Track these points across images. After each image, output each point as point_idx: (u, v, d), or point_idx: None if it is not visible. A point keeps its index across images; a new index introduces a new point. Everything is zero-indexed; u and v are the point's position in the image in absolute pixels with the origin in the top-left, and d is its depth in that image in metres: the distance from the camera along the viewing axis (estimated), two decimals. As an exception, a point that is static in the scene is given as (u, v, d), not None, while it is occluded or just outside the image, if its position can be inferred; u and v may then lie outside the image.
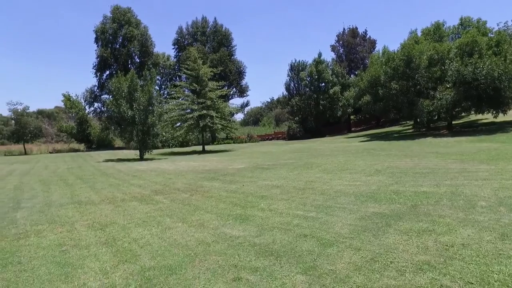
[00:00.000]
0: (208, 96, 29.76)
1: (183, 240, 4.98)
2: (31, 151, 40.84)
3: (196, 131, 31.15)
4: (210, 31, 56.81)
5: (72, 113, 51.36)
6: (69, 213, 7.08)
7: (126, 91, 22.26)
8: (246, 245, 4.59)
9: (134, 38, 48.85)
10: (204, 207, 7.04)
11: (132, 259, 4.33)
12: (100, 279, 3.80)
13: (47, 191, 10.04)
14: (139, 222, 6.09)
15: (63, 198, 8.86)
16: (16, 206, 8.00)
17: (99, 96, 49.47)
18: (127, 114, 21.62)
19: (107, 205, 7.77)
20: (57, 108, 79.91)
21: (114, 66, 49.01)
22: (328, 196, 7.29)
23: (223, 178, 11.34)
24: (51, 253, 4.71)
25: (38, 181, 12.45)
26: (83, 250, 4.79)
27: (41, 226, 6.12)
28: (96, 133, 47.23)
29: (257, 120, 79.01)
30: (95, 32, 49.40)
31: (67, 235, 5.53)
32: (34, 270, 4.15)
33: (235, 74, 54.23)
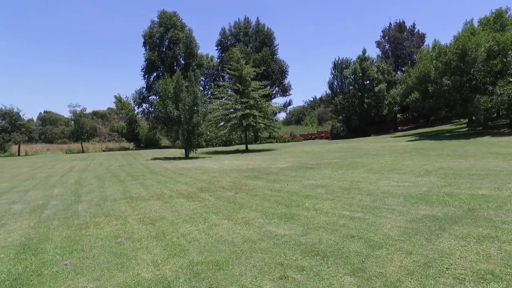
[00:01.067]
0: (251, 95, 30.03)
1: (229, 237, 5.06)
2: (87, 149, 43.87)
3: (239, 130, 31.56)
4: (253, 31, 57.26)
5: (123, 114, 54.34)
6: (122, 207, 7.50)
7: (172, 92, 23.11)
8: (291, 244, 4.57)
9: (179, 40, 50.56)
10: (249, 205, 7.12)
11: (181, 253, 4.48)
12: (152, 271, 3.98)
13: (102, 187, 10.72)
14: (186, 218, 6.30)
15: (116, 193, 9.41)
16: (77, 199, 8.65)
17: (147, 97, 51.82)
18: (173, 114, 22.46)
19: (156, 201, 8.12)
20: (110, 109, 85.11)
21: (161, 68, 51.04)
22: (375, 197, 7.04)
23: (267, 177, 11.38)
24: (108, 244, 5.02)
25: (94, 177, 13.34)
26: (136, 242, 5.04)
27: (99, 218, 6.55)
28: (144, 133, 49.56)
29: (300, 119, 78.37)
30: (144, 36, 51.80)
31: (121, 228, 5.86)
32: (94, 258, 4.46)
33: (277, 73, 54.17)
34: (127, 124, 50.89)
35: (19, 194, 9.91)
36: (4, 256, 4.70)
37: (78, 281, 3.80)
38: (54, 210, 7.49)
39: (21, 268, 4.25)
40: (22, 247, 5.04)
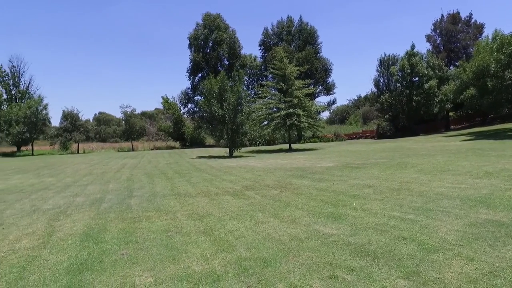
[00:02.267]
0: (294, 94, 29.86)
1: (276, 234, 5.08)
2: (136, 147, 46.26)
3: (283, 130, 31.52)
4: (296, 30, 56.87)
5: (169, 114, 56.55)
6: (171, 203, 7.82)
7: (217, 92, 23.65)
8: (340, 243, 4.49)
9: (223, 41, 51.57)
10: (294, 204, 7.10)
11: (229, 249, 4.58)
12: (202, 264, 4.11)
13: (152, 183, 11.25)
14: (233, 215, 6.41)
15: (165, 189, 9.83)
16: (130, 194, 9.16)
17: (192, 98, 53.47)
18: (218, 114, 22.98)
19: (203, 198, 8.37)
20: (157, 109, 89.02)
21: (205, 69, 52.38)
22: (427, 199, 6.69)
23: (312, 176, 11.26)
24: (160, 237, 5.26)
25: (144, 174, 14.04)
26: (185, 237, 5.23)
27: (150, 213, 6.88)
28: (190, 132, 51.22)
29: (344, 119, 76.55)
30: (189, 38, 53.51)
31: (171, 222, 6.11)
32: (148, 250, 4.70)
33: (321, 72, 53.34)
34: (173, 124, 52.90)
35: (80, 188, 10.71)
36: (71, 242, 5.12)
37: (134, 270, 4.02)
38: (110, 203, 8.00)
39: (86, 254, 4.60)
40: (85, 235, 5.45)
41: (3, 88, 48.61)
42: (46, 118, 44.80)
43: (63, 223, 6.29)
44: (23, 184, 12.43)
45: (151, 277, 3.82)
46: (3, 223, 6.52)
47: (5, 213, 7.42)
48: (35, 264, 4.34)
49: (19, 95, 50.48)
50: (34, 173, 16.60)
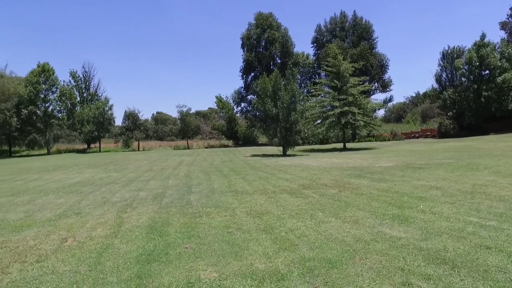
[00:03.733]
0: (349, 92, 28.86)
1: (339, 235, 4.89)
2: (191, 146, 48.05)
3: (337, 128, 30.69)
4: (349, 26, 55.04)
5: (223, 113, 57.93)
6: (229, 200, 7.92)
7: (271, 90, 23.67)
8: (410, 248, 4.18)
9: (275, 40, 51.54)
10: (355, 204, 6.80)
11: (291, 248, 4.49)
12: (265, 262, 4.07)
13: (209, 180, 11.53)
14: (292, 214, 6.31)
15: (222, 186, 10.00)
16: (189, 190, 9.47)
17: (245, 97, 54.19)
18: (272, 112, 22.99)
19: (260, 195, 8.37)
20: (210, 109, 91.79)
21: (258, 68, 52.76)
22: (511, 204, 6.01)
23: (371, 176, 10.76)
24: (220, 233, 5.32)
25: (200, 171, 14.47)
26: (246, 234, 5.24)
27: (209, 209, 7.03)
28: (242, 131, 52.03)
29: (400, 117, 72.50)
30: (242, 38, 54.27)
31: (231, 219, 6.17)
32: (210, 245, 4.78)
33: (376, 68, 51.02)
34: (227, 123, 54.11)
35: (143, 183, 11.32)
36: (138, 234, 5.39)
37: (198, 264, 4.10)
38: (171, 198, 8.33)
39: (152, 246, 4.80)
40: (150, 228, 5.70)
41: (77, 91, 53.40)
42: (111, 118, 48.43)
43: (130, 215, 6.65)
44: (94, 177, 13.47)
45: (215, 272, 3.85)
46: (81, 212, 7.09)
47: (82, 203, 8.08)
48: (109, 252, 4.62)
49: (89, 97, 55.12)
50: (102, 168, 17.95)
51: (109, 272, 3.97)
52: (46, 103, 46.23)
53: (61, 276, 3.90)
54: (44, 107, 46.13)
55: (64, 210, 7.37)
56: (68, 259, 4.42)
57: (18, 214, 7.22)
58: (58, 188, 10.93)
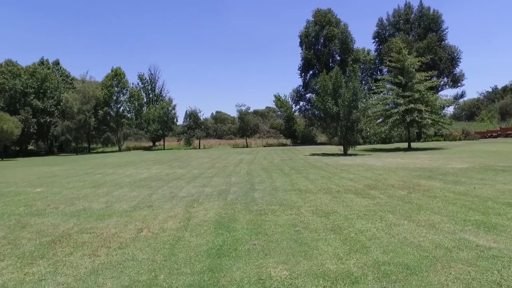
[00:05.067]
0: (415, 88, 27.04)
1: (415, 239, 4.56)
2: (250, 144, 48.81)
3: (402, 127, 29.00)
4: (415, 17, 51.52)
5: (281, 112, 57.97)
6: (293, 198, 7.85)
7: (331, 88, 23.08)
8: (505, 260, 3.74)
9: (334, 37, 50.20)
10: (429, 207, 6.32)
11: (362, 250, 4.29)
12: (336, 263, 3.93)
13: (271, 178, 11.56)
14: (360, 215, 6.06)
15: (285, 185, 9.96)
16: (252, 188, 9.59)
17: (303, 95, 53.63)
18: (332, 110, 22.41)
19: (324, 194, 8.17)
20: (268, 108, 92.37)
21: (317, 66, 51.84)
22: None
23: (443, 178, 9.96)
24: (287, 231, 5.28)
25: (261, 169, 14.59)
26: (313, 233, 5.13)
27: (274, 206, 7.03)
28: (301, 129, 51.56)
29: (472, 114, 66.20)
30: (300, 36, 53.70)
31: (296, 217, 6.10)
32: (278, 242, 4.76)
33: (446, 61, 47.13)
34: (285, 121, 54.06)
35: (206, 179, 11.73)
36: (207, 228, 5.57)
37: (268, 261, 4.09)
38: (235, 195, 8.49)
39: (221, 241, 4.91)
40: (217, 223, 5.86)
41: (144, 92, 57.31)
42: (175, 117, 51.11)
43: (197, 210, 6.90)
44: (161, 173, 14.29)
45: (285, 270, 3.81)
46: (152, 205, 7.55)
47: (152, 197, 8.61)
48: (181, 244, 4.82)
49: (155, 98, 58.78)
50: (167, 164, 18.98)
51: (182, 263, 4.14)
52: (118, 104, 50.37)
53: (140, 263, 4.15)
54: (116, 108, 50.28)
55: (137, 203, 7.90)
56: (145, 248, 4.70)
57: (100, 204, 7.90)
58: (130, 182, 11.76)
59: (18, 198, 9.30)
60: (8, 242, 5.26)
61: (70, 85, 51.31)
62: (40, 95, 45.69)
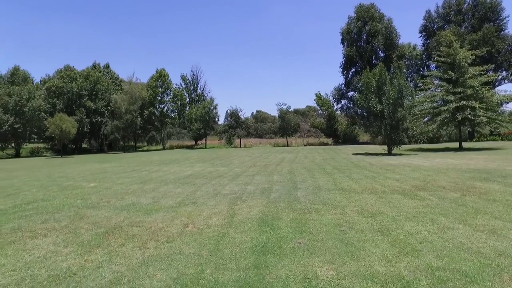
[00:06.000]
0: (467, 84, 25.29)
1: (473, 245, 4.27)
2: (290, 143, 48.55)
3: (452, 126, 27.34)
4: (468, 7, 48.13)
5: (322, 110, 57.02)
6: (337, 198, 7.67)
7: (375, 86, 22.29)
8: None
9: (377, 32, 48.40)
10: (488, 211, 5.89)
11: (413, 253, 4.09)
12: (385, 265, 3.78)
13: (313, 177, 11.40)
14: (409, 216, 5.78)
15: (328, 184, 9.77)
16: (294, 186, 9.51)
17: (345, 94, 52.32)
18: (376, 109, 21.64)
19: (369, 195, 7.91)
20: (308, 107, 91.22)
21: (359, 63, 50.34)
22: None
23: (503, 180, 9.24)
24: (332, 231, 5.17)
25: (303, 168, 14.44)
26: (360, 233, 4.97)
27: (318, 205, 6.91)
28: (343, 128, 50.40)
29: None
30: (341, 33, 52.39)
31: (341, 217, 5.96)
32: (323, 242, 4.67)
33: (505, 53, 43.52)
34: (326, 120, 53.10)
35: (248, 177, 11.82)
36: (251, 226, 5.60)
37: (313, 260, 4.03)
38: (278, 194, 8.47)
39: (265, 238, 4.92)
40: (261, 221, 5.87)
41: (186, 92, 59.10)
42: (216, 117, 52.16)
43: (241, 208, 6.97)
44: (204, 171, 14.63)
45: (332, 270, 3.73)
46: (197, 202, 7.74)
47: (196, 194, 8.83)
48: (226, 240, 4.89)
49: (197, 97, 60.38)
50: (209, 162, 19.40)
51: (228, 259, 4.19)
52: (162, 104, 52.32)
53: (187, 257, 4.27)
54: (161, 108, 52.26)
55: (182, 199, 8.14)
56: (191, 243, 4.82)
57: (147, 199, 8.25)
58: (175, 179, 12.16)
59: (75, 191, 9.98)
60: (70, 231, 5.67)
61: (118, 87, 54.14)
62: (92, 96, 48.82)
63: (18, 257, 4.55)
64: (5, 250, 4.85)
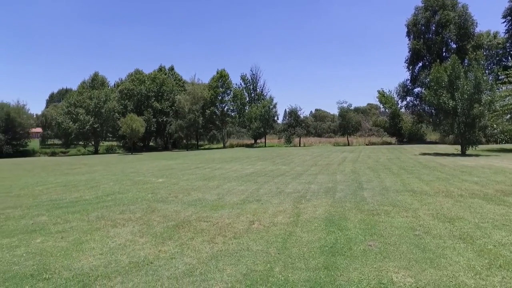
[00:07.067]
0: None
1: None
2: (351, 142, 46.93)
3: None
4: None
5: (385, 108, 54.21)
6: (407, 200, 7.19)
7: (447, 80, 20.54)
8: None
9: (449, 22, 44.50)
10: None
11: (508, 267, 3.66)
12: (473, 278, 3.43)
13: (379, 177, 10.85)
14: (496, 224, 5.20)
15: (396, 185, 9.22)
16: (360, 186, 9.13)
17: (411, 90, 49.02)
18: (448, 105, 19.91)
19: (444, 198, 7.29)
20: (369, 105, 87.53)
21: (427, 57, 46.85)
22: None
23: None
24: (406, 234, 4.84)
25: (367, 168, 13.82)
26: (437, 239, 4.59)
27: (387, 207, 6.54)
28: (408, 127, 47.37)
29: None
30: (407, 26, 49.13)
31: (414, 220, 5.56)
32: (396, 246, 4.39)
33: None
34: (390, 119, 50.39)
35: (311, 177, 11.62)
36: (317, 225, 5.48)
37: (388, 265, 3.80)
38: (343, 193, 8.19)
39: (333, 239, 4.77)
40: (328, 221, 5.71)
41: (246, 92, 60.19)
42: (275, 115, 52.37)
43: (306, 206, 6.86)
44: (265, 169, 14.73)
45: (410, 277, 3.49)
46: (261, 199, 7.80)
47: (259, 191, 8.90)
48: (293, 239, 4.84)
49: (256, 97, 61.15)
50: (270, 161, 19.48)
51: (296, 258, 4.13)
52: (222, 104, 53.99)
53: (255, 254, 4.29)
54: (221, 107, 53.95)
55: (246, 196, 8.26)
56: (258, 240, 4.85)
57: (212, 196, 8.52)
58: (237, 176, 12.41)
59: (146, 186, 10.68)
60: (144, 222, 6.06)
61: (182, 88, 56.98)
62: (158, 97, 52.15)
63: (103, 242, 4.99)
64: (93, 236, 5.35)
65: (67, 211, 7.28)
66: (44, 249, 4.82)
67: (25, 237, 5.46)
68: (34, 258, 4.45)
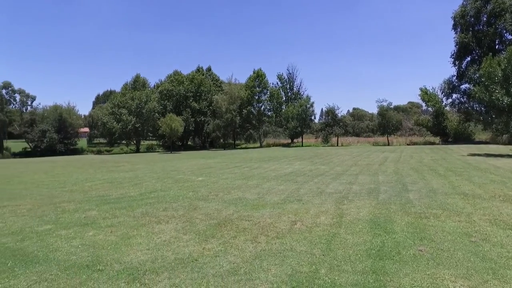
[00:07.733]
0: None
1: None
2: (392, 142, 45.20)
3: None
4: None
5: (428, 106, 51.59)
6: (459, 203, 6.76)
7: (501, 75, 19.13)
8: None
9: (504, 11, 41.25)
10: None
11: None
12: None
13: (424, 179, 10.32)
14: None
15: (444, 187, 8.71)
16: (404, 188, 8.74)
17: (457, 87, 46.21)
18: (501, 102, 18.56)
19: (501, 202, 6.77)
20: (410, 103, 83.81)
21: (476, 51, 43.93)
22: None
23: None
24: (460, 240, 4.55)
25: (410, 169, 13.21)
26: (499, 248, 4.26)
27: (435, 210, 6.20)
28: (453, 126, 44.70)
29: None
30: (453, 18, 46.30)
31: (468, 226, 5.21)
32: (450, 252, 4.14)
33: None
34: (433, 117, 47.84)
35: (351, 177, 11.31)
36: (362, 227, 5.30)
37: (442, 273, 3.58)
38: (387, 195, 7.88)
39: (380, 242, 4.58)
40: (372, 223, 5.51)
41: (282, 91, 59.95)
42: (312, 115, 51.72)
43: (349, 207, 6.67)
44: (304, 169, 14.55)
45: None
46: (301, 199, 7.70)
47: (300, 191, 8.79)
48: (337, 241, 4.71)
49: (293, 96, 60.73)
50: (308, 161, 19.23)
51: (342, 260, 4.01)
52: (259, 104, 54.14)
53: (299, 255, 4.22)
54: (258, 107, 54.13)
55: (286, 196, 8.18)
56: (301, 241, 4.77)
57: (252, 195, 8.54)
58: (276, 176, 12.36)
59: (187, 184, 10.94)
60: (187, 220, 6.19)
61: (219, 88, 57.89)
62: (196, 97, 53.38)
63: (149, 238, 5.15)
64: (140, 231, 5.54)
65: (114, 206, 7.62)
66: (96, 241, 5.07)
67: (79, 229, 5.78)
68: (88, 250, 4.69)
